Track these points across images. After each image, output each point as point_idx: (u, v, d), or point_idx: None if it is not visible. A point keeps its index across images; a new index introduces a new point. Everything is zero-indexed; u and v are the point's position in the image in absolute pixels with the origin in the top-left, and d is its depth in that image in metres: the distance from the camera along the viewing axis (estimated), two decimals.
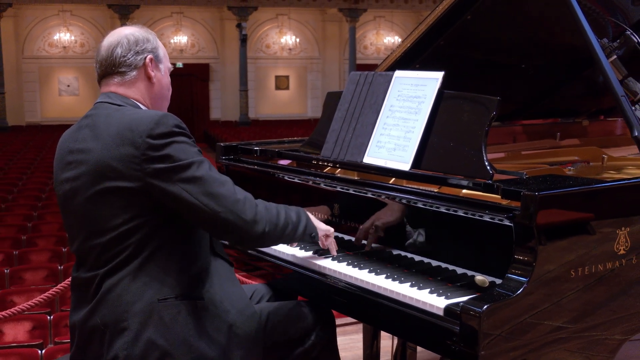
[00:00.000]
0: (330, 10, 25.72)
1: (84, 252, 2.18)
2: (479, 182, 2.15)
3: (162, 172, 2.04)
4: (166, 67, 2.37)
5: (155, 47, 2.31)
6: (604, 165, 3.22)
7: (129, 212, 2.09)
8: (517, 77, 3.44)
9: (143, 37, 2.29)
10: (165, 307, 2.10)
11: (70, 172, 2.18)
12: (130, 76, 2.26)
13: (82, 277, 2.18)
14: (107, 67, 2.26)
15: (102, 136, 2.12)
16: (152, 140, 2.05)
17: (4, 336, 5.78)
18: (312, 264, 2.43)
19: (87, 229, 2.16)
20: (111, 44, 2.26)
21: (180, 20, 25.42)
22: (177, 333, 2.09)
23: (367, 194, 2.43)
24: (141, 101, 2.28)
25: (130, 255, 2.10)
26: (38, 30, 24.35)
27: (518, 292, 1.88)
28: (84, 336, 2.18)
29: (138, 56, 2.26)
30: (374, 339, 3.12)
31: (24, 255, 7.90)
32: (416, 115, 2.46)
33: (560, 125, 3.83)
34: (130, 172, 2.05)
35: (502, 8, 2.93)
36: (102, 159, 2.09)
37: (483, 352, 1.84)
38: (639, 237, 2.14)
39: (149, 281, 2.10)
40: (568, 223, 2.01)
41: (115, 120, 2.13)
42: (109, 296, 2.11)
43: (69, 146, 2.22)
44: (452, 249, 2.21)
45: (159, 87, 2.33)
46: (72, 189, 2.16)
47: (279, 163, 2.99)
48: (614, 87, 2.51)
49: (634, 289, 2.18)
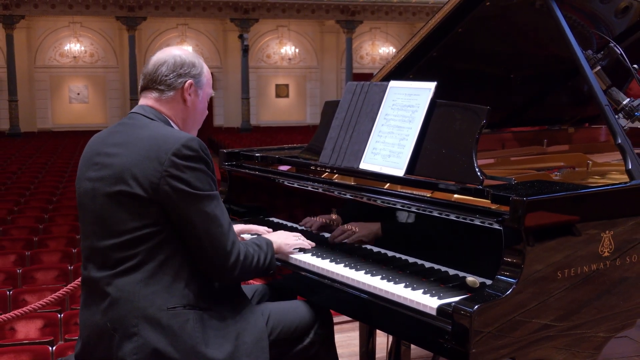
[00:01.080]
0: (328, 22, 25.75)
1: (95, 251, 2.17)
2: (470, 187, 2.15)
3: (178, 192, 2.07)
4: (206, 93, 2.37)
5: (198, 74, 2.32)
6: (589, 170, 3.22)
7: (143, 219, 2.09)
8: (506, 87, 3.44)
9: (189, 61, 2.30)
10: (174, 315, 2.08)
11: (95, 172, 2.19)
12: (167, 95, 2.28)
13: (92, 276, 2.17)
14: (149, 82, 2.29)
15: (130, 145, 2.14)
16: (176, 159, 2.07)
17: (16, 333, 5.77)
18: (310, 266, 2.42)
19: (101, 228, 2.15)
20: (158, 61, 2.29)
21: (185, 32, 25.44)
22: (185, 341, 2.07)
23: (363, 198, 2.43)
24: (173, 119, 2.30)
25: (141, 262, 2.10)
26: (49, 41, 24.35)
27: (507, 293, 1.88)
28: (92, 336, 2.16)
29: (179, 78, 2.27)
30: (369, 336, 3.11)
31: (36, 256, 7.89)
32: (410, 124, 2.46)
33: (547, 132, 3.83)
34: (149, 183, 2.07)
35: (491, 21, 2.93)
36: (126, 165, 2.10)
37: (474, 350, 1.84)
38: (622, 240, 2.14)
39: (160, 289, 2.09)
40: (555, 226, 2.00)
41: (146, 132, 2.16)
42: (119, 300, 2.09)
43: (98, 148, 2.24)
44: (445, 251, 2.20)
45: (192, 111, 2.34)
46: (94, 188, 2.17)
47: (279, 169, 2.99)
48: (598, 97, 2.51)
49: (617, 289, 2.18)
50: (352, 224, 2.49)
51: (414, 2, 24.93)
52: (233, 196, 3.10)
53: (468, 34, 2.90)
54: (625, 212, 2.19)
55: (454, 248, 2.17)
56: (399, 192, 2.38)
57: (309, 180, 2.71)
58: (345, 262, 2.39)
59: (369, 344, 3.11)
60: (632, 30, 3.32)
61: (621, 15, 3.18)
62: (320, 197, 2.63)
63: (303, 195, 2.75)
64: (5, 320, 4.03)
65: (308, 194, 2.70)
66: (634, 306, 2.25)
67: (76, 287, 4.05)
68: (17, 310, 3.93)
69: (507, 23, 3.02)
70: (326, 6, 24.49)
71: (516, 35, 3.16)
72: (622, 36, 3.31)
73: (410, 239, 2.31)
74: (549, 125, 3.91)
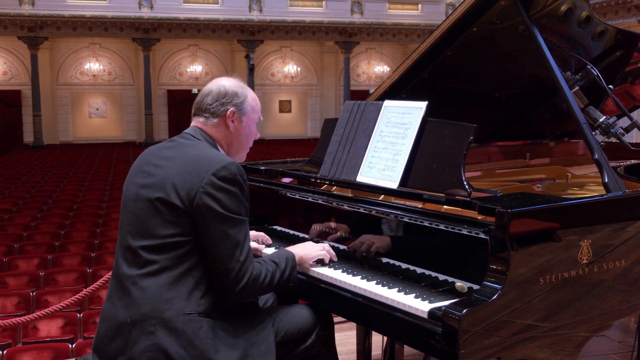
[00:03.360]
0: (327, 43, 25.80)
1: (129, 249, 2.18)
2: (459, 199, 2.15)
3: (208, 209, 2.08)
4: (251, 119, 2.39)
5: (241, 102, 2.34)
6: (568, 182, 3.22)
7: (175, 227, 2.10)
8: (492, 105, 3.44)
9: (232, 91, 2.33)
10: (189, 321, 2.08)
11: (142, 179, 2.22)
12: (212, 122, 2.32)
13: (122, 272, 2.18)
14: (198, 109, 2.35)
15: (177, 160, 2.18)
16: (214, 179, 2.09)
17: (38, 332, 5.76)
18: (310, 272, 2.42)
19: (137, 229, 2.17)
20: (205, 91, 2.36)
21: (196, 52, 25.48)
22: (196, 346, 2.06)
23: (360, 209, 2.43)
24: (219, 142, 2.33)
25: (167, 267, 2.10)
26: (71, 60, 24.39)
27: (493, 298, 1.88)
28: (111, 329, 2.16)
29: (222, 107, 2.31)
30: (366, 335, 3.10)
31: (57, 260, 7.89)
32: (403, 140, 2.46)
33: (529, 146, 3.83)
34: (186, 195, 2.09)
35: (478, 45, 2.93)
36: (170, 177, 2.14)
37: (463, 351, 1.83)
38: (599, 246, 2.14)
39: (180, 295, 2.09)
40: (536, 234, 2.00)
41: (194, 151, 2.20)
42: (142, 299, 2.09)
43: (149, 158, 2.27)
44: (435, 258, 2.19)
45: (236, 136, 2.36)
46: (137, 192, 2.20)
47: (282, 181, 2.98)
48: (576, 115, 2.52)
49: (595, 291, 2.17)
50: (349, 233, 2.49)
51: (407, 24, 24.98)
52: None
53: (456, 56, 2.90)
54: (603, 221, 2.18)
55: (444, 255, 2.16)
56: (393, 203, 2.37)
57: (310, 192, 2.71)
58: (343, 267, 2.39)
59: (366, 342, 3.10)
60: (607, 53, 3.32)
61: (597, 39, 3.18)
62: (320, 207, 2.63)
63: (304, 206, 2.75)
64: (30, 320, 4.02)
65: (309, 205, 2.70)
66: (610, 308, 2.24)
67: (95, 290, 4.05)
68: (41, 312, 3.93)
69: (492, 46, 3.02)
70: (326, 28, 24.54)
71: (501, 58, 3.16)
72: (598, 58, 3.31)
73: (403, 247, 2.31)
74: (532, 140, 3.91)
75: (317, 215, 2.66)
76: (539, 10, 2.78)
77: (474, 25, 2.77)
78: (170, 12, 22.82)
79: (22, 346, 5.32)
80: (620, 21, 17.49)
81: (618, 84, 3.68)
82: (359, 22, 24.51)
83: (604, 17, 17.61)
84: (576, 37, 3.10)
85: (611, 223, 2.20)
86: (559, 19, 2.90)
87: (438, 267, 2.17)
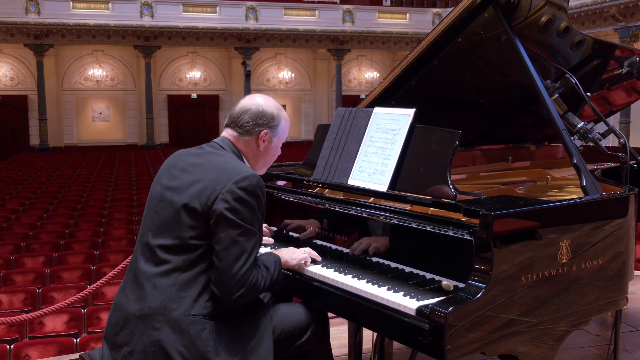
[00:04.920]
0: (320, 50, 25.78)
1: (147, 245, 2.18)
2: (445, 202, 2.15)
3: (223, 216, 2.06)
4: (280, 139, 2.38)
5: (276, 125, 2.34)
6: (549, 184, 3.23)
7: (193, 230, 2.10)
8: (476, 111, 3.45)
9: (269, 113, 2.32)
10: (194, 322, 2.07)
11: (168, 180, 2.22)
12: (245, 138, 2.31)
13: (138, 267, 2.17)
14: (233, 122, 2.32)
15: (204, 167, 2.17)
16: (234, 187, 2.08)
17: (44, 327, 5.74)
18: (304, 271, 2.41)
19: (157, 227, 2.17)
20: (244, 107, 2.33)
21: (195, 59, 25.42)
22: (197, 347, 2.05)
23: (351, 211, 2.42)
24: (246, 156, 2.32)
25: (180, 268, 2.10)
26: (75, 67, 24.29)
27: (477, 296, 1.88)
28: (121, 319, 2.15)
29: (257, 127, 2.30)
30: (357, 330, 3.09)
31: (62, 258, 7.86)
32: (392, 145, 2.46)
33: (511, 150, 3.84)
34: (206, 200, 2.08)
35: (463, 54, 2.93)
36: (194, 182, 2.13)
37: (449, 346, 1.83)
38: (577, 246, 2.14)
39: (189, 296, 2.08)
40: (518, 234, 2.00)
41: (220, 160, 2.19)
42: (153, 296, 2.09)
43: (178, 162, 2.27)
44: (422, 258, 2.19)
45: (263, 154, 2.35)
46: (162, 193, 2.20)
47: (277, 184, 2.98)
48: (555, 122, 2.52)
49: (574, 287, 2.17)
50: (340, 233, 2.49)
51: (395, 33, 24.98)
52: None
53: (443, 65, 2.90)
54: (581, 222, 2.19)
55: (431, 255, 2.16)
56: (382, 205, 2.37)
57: (303, 194, 2.70)
58: (335, 267, 2.38)
59: (357, 336, 3.09)
60: (585, 62, 3.34)
61: (576, 48, 3.19)
62: (312, 209, 2.62)
63: (298, 207, 2.74)
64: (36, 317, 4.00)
65: (302, 206, 2.69)
66: (589, 303, 2.24)
67: (99, 287, 4.03)
68: (48, 308, 3.90)
69: (477, 56, 3.02)
70: (318, 36, 24.53)
71: (485, 66, 3.17)
72: (577, 66, 3.32)
73: (392, 246, 2.30)
74: (514, 144, 3.92)
75: (311, 217, 2.65)
76: (520, 21, 2.79)
77: (459, 36, 2.77)
78: (170, 21, 22.75)
79: (29, 341, 5.30)
80: (597, 30, 17.57)
81: (596, 90, 3.70)
82: (350, 31, 24.50)
83: (582, 26, 17.70)
84: (556, 46, 3.11)
85: (589, 222, 2.20)
86: (540, 30, 2.91)
87: (425, 266, 2.17)
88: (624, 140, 2.64)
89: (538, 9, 2.80)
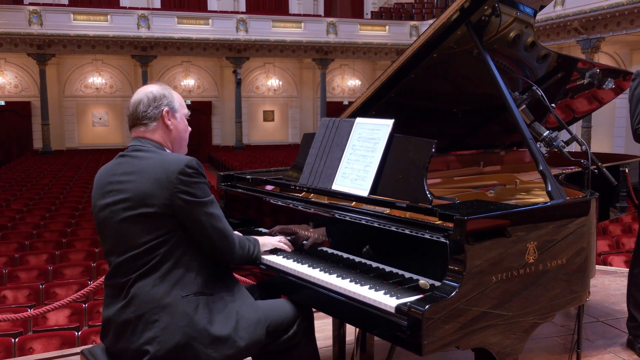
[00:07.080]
0: (306, 59, 25.77)
1: (118, 264, 2.14)
2: (421, 206, 2.15)
3: (188, 203, 2.08)
4: (182, 114, 2.35)
5: (170, 101, 2.30)
6: (517, 188, 3.25)
7: (157, 231, 2.08)
8: (450, 119, 3.46)
9: (160, 94, 2.28)
10: (187, 302, 2.08)
11: (109, 198, 2.15)
12: (152, 126, 2.26)
13: (117, 281, 2.15)
14: (134, 120, 2.28)
15: (140, 172, 2.11)
16: (182, 177, 2.08)
17: (47, 321, 5.68)
18: (291, 270, 2.40)
19: (122, 246, 2.12)
20: (135, 102, 2.28)
21: (189, 68, 25.32)
22: (197, 322, 2.07)
23: (335, 214, 2.42)
24: (163, 143, 2.28)
25: (158, 263, 2.09)
26: (76, 75, 24.10)
27: (452, 295, 1.88)
28: (118, 328, 2.12)
29: (156, 110, 2.26)
30: (341, 323, 3.09)
31: (64, 255, 7.80)
32: (373, 153, 2.46)
33: (483, 155, 3.86)
34: (164, 201, 2.06)
35: (438, 68, 2.94)
36: (142, 190, 2.08)
37: (425, 342, 1.84)
38: (543, 243, 2.15)
39: (175, 282, 2.09)
40: (489, 234, 2.00)
41: (150, 160, 2.14)
42: (141, 295, 2.08)
43: (108, 178, 2.20)
44: (401, 258, 2.19)
45: (176, 132, 2.32)
46: (111, 211, 2.14)
47: (266, 188, 2.97)
48: (522, 130, 2.53)
49: (540, 281, 2.17)
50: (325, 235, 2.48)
51: (375, 44, 25.03)
52: (229, 210, 3.07)
53: (419, 78, 2.91)
54: (546, 221, 2.20)
55: (409, 256, 2.16)
56: (364, 209, 2.37)
57: (290, 198, 2.69)
58: (321, 266, 2.38)
59: (341, 329, 3.09)
60: (551, 74, 3.36)
61: (542, 61, 3.22)
62: (299, 212, 2.62)
63: (285, 211, 2.73)
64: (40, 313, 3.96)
65: (289, 210, 2.68)
66: (555, 296, 2.25)
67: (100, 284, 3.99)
68: (52, 305, 3.87)
69: (450, 68, 3.03)
70: (304, 47, 24.51)
71: (458, 78, 3.18)
72: (543, 78, 3.35)
73: (373, 248, 2.30)
74: (485, 149, 3.94)
75: (296, 219, 2.65)
76: (491, 36, 2.81)
77: (434, 51, 2.78)
78: (166, 32, 22.62)
79: (33, 334, 5.24)
80: (561, 42, 17.73)
81: (560, 99, 3.73)
82: (334, 42, 24.51)
83: (547, 38, 17.84)
84: (523, 59, 3.13)
85: (553, 222, 2.22)
86: (508, 44, 2.93)
87: (404, 266, 2.17)
88: (586, 148, 2.66)
89: (507, 25, 2.82)
